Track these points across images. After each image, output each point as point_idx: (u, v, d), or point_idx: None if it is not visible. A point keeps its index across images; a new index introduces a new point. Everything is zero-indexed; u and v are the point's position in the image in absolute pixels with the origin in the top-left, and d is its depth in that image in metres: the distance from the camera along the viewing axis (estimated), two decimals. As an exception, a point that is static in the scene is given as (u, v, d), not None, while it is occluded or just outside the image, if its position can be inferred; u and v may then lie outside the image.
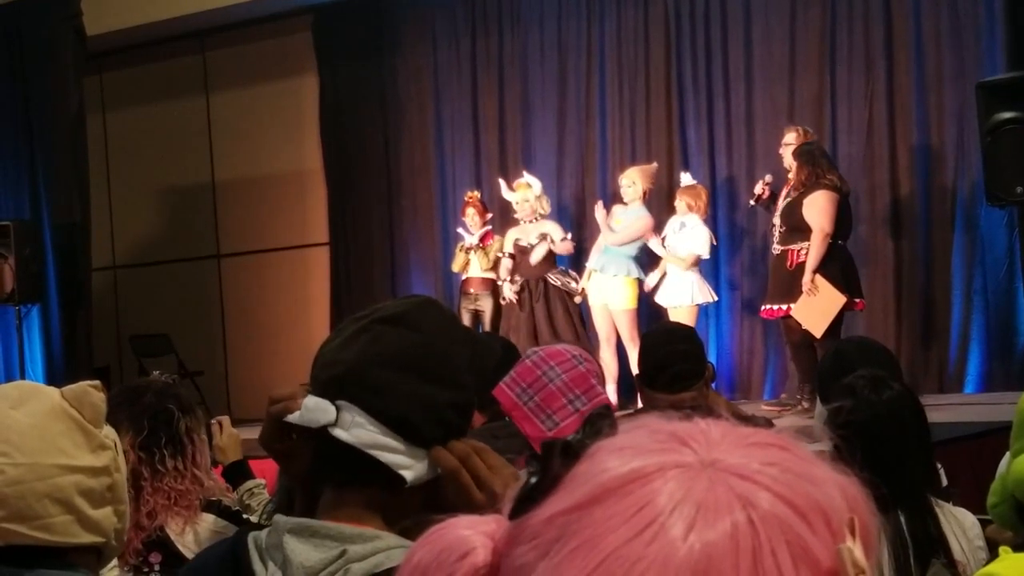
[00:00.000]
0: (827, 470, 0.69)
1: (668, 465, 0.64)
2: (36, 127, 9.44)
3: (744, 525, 0.61)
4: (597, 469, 0.65)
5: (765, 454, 0.66)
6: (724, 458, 0.65)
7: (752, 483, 0.64)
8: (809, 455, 0.69)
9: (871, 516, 0.69)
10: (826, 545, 0.63)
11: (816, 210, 6.76)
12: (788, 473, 0.65)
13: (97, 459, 1.66)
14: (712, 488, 0.63)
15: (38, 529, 1.61)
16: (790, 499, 0.63)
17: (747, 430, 0.69)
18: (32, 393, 1.68)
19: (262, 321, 10.27)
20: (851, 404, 2.65)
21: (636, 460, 0.65)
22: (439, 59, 9.63)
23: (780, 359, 8.19)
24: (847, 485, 0.69)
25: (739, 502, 0.62)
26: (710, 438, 0.67)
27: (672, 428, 0.68)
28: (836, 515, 0.65)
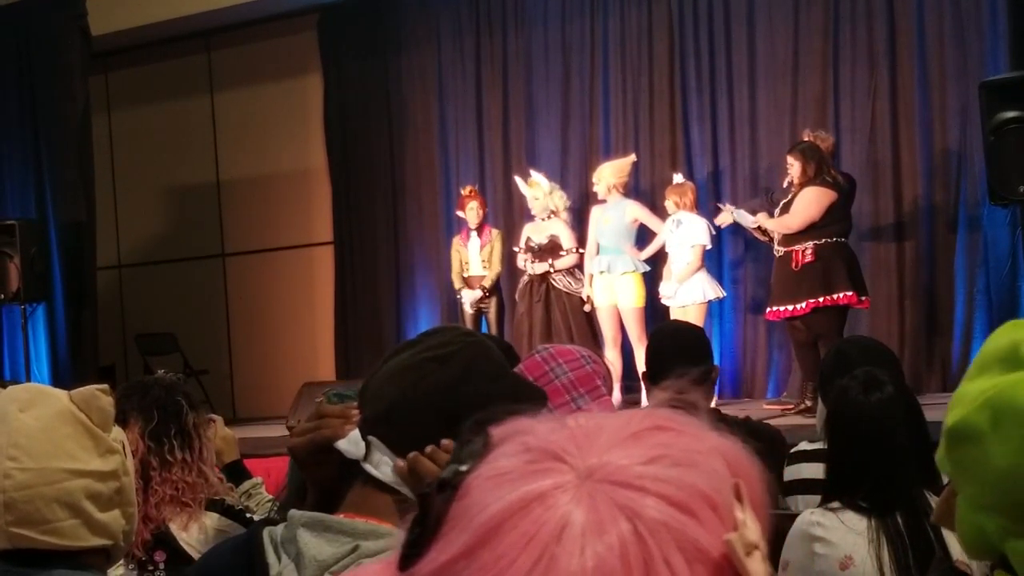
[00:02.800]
0: (707, 440, 0.68)
1: (545, 489, 0.63)
2: (41, 126, 9.46)
3: (631, 538, 0.61)
4: (476, 508, 0.64)
5: (645, 447, 0.65)
6: (602, 464, 0.64)
7: (634, 490, 0.63)
8: (688, 427, 0.68)
9: (756, 472, 0.69)
10: (716, 534, 0.63)
11: (802, 202, 6.77)
12: (669, 466, 0.64)
13: (105, 463, 1.67)
14: (594, 505, 0.62)
15: (46, 533, 1.62)
16: (674, 499, 0.63)
17: (623, 418, 0.68)
18: (41, 396, 1.69)
19: (266, 320, 10.29)
20: (843, 406, 2.66)
21: (513, 491, 0.63)
22: (443, 58, 9.64)
23: (783, 358, 8.20)
24: (728, 449, 0.68)
25: (623, 514, 0.62)
26: (586, 442, 0.66)
27: (545, 441, 0.66)
28: (722, 496, 0.65)
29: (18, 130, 9.58)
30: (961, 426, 1.21)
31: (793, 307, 6.85)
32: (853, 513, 2.58)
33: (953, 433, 1.22)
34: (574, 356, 2.53)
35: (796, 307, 6.83)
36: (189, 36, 10.24)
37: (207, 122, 10.60)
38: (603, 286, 7.75)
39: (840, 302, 6.74)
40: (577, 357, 2.52)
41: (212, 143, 10.60)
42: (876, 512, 2.56)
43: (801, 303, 6.79)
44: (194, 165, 10.61)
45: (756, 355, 8.44)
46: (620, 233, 7.75)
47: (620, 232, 7.75)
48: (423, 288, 9.66)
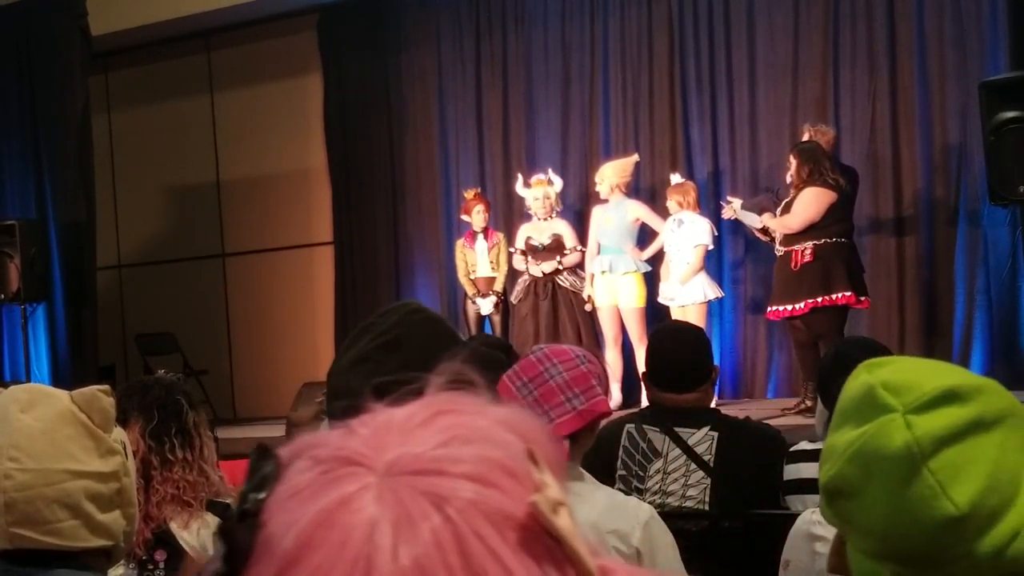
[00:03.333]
0: (491, 414, 0.68)
1: (347, 495, 0.63)
2: (42, 126, 9.46)
3: (440, 523, 0.61)
4: (281, 530, 0.63)
5: (433, 432, 0.66)
6: (397, 459, 0.64)
7: (433, 475, 0.63)
8: (469, 405, 0.69)
9: (544, 434, 0.70)
10: (520, 500, 0.64)
11: (801, 203, 6.78)
12: (461, 445, 0.65)
13: (106, 464, 1.67)
14: (398, 499, 0.62)
15: (47, 534, 1.62)
16: (472, 474, 0.64)
17: (407, 411, 0.68)
18: (42, 396, 1.69)
19: (266, 320, 10.29)
20: None
21: (314, 504, 0.63)
22: (443, 58, 9.64)
23: (783, 358, 8.21)
24: (511, 416, 0.69)
25: (428, 501, 0.62)
26: (376, 442, 0.66)
27: (335, 449, 0.66)
28: (518, 463, 0.66)
29: (18, 130, 9.58)
30: (836, 482, 1.20)
31: (792, 307, 6.85)
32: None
33: (829, 489, 1.22)
34: (569, 356, 2.53)
35: (795, 307, 6.83)
36: (189, 36, 10.25)
37: (207, 122, 10.60)
38: (604, 286, 7.75)
39: (839, 302, 6.74)
40: (572, 357, 2.52)
41: (212, 143, 10.60)
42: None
43: (800, 303, 6.79)
44: (194, 165, 10.61)
45: (756, 355, 8.44)
46: (622, 233, 7.75)
47: (622, 232, 7.76)
48: (423, 288, 9.66)
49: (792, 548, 2.68)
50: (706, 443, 3.33)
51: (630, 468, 3.38)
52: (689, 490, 3.31)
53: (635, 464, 3.37)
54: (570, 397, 2.47)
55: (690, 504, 3.30)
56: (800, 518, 2.70)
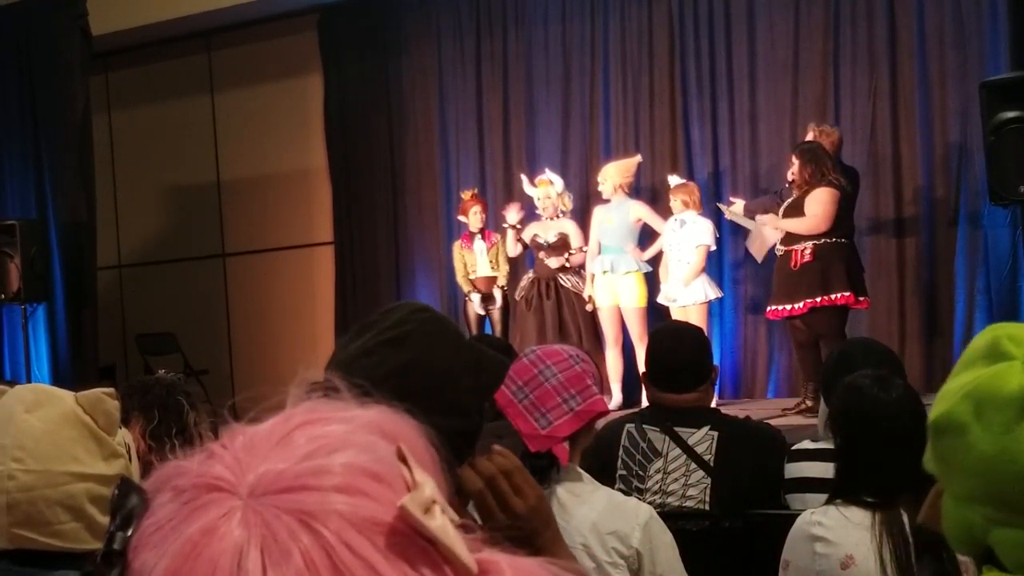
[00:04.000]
0: (356, 419, 0.67)
1: (211, 523, 0.61)
2: (42, 127, 9.46)
3: (309, 541, 0.60)
4: (147, 567, 0.61)
5: (296, 446, 0.64)
6: (259, 479, 0.63)
7: (297, 492, 0.62)
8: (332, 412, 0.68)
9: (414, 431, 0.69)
10: (389, 503, 0.63)
11: (816, 202, 6.78)
12: (324, 456, 0.64)
13: (109, 467, 1.67)
14: (263, 521, 0.61)
15: (48, 535, 1.62)
16: (337, 485, 0.62)
17: (269, 427, 0.67)
18: (47, 397, 1.69)
19: (267, 320, 10.30)
20: (858, 403, 2.67)
21: (178, 537, 0.61)
22: (444, 58, 9.64)
23: (784, 358, 8.21)
24: (377, 418, 0.68)
25: (295, 519, 0.61)
26: (237, 464, 0.64)
27: (196, 476, 0.64)
28: (384, 465, 0.64)
29: (18, 130, 9.58)
30: (944, 419, 1.24)
31: (791, 307, 6.86)
32: (858, 508, 2.59)
33: (937, 427, 1.26)
34: (562, 357, 2.52)
35: (794, 307, 6.84)
36: (189, 36, 10.25)
37: (207, 122, 10.60)
38: (605, 286, 7.75)
39: (837, 303, 6.75)
40: (566, 358, 2.52)
41: (212, 143, 10.61)
42: (881, 507, 2.56)
43: (799, 303, 6.80)
44: (194, 165, 10.61)
45: (756, 355, 8.44)
46: (623, 233, 7.76)
47: (623, 232, 7.76)
48: (423, 288, 9.66)
49: (792, 548, 2.69)
50: (706, 443, 3.33)
51: (630, 468, 3.38)
52: (689, 490, 3.31)
53: (635, 464, 3.37)
54: (567, 398, 2.47)
55: (690, 504, 3.30)
56: (800, 518, 2.71)
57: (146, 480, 0.67)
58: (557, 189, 8.15)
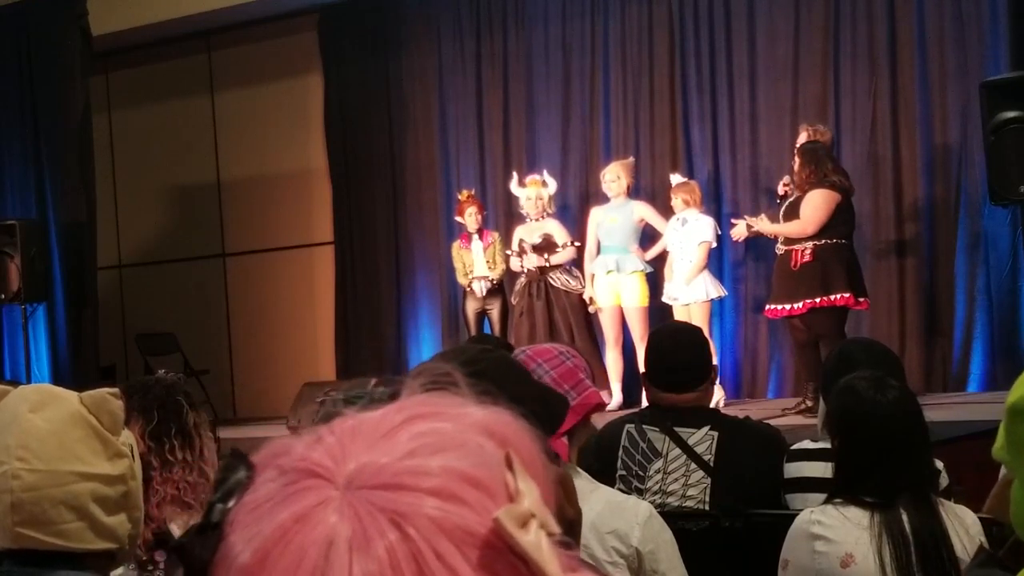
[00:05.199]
0: (468, 417, 0.66)
1: (305, 510, 0.61)
2: (42, 127, 9.46)
3: (398, 542, 0.60)
4: (240, 544, 0.62)
5: (402, 441, 0.64)
6: (359, 471, 0.62)
7: (393, 490, 0.61)
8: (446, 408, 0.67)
9: (526, 436, 0.67)
10: (486, 513, 0.61)
11: (809, 205, 6.78)
12: (428, 455, 0.63)
13: (113, 467, 1.68)
14: (356, 516, 0.60)
15: (52, 535, 1.63)
16: (435, 488, 0.61)
17: (378, 417, 0.66)
18: (52, 398, 1.69)
19: (267, 320, 10.30)
20: (853, 404, 2.67)
21: (273, 519, 0.61)
22: (444, 58, 9.64)
23: (784, 358, 8.20)
24: (491, 419, 0.67)
25: (386, 519, 0.60)
26: (341, 451, 0.64)
27: (298, 459, 0.64)
28: (488, 471, 0.63)
29: (18, 130, 9.59)
30: (1022, 402, 1.22)
31: (791, 306, 6.86)
32: (856, 508, 2.59)
33: (1014, 409, 1.24)
34: (553, 354, 2.53)
35: (793, 307, 6.84)
36: (189, 36, 10.25)
37: (207, 122, 10.60)
38: (606, 286, 7.74)
39: (837, 303, 6.74)
40: (556, 355, 2.53)
41: (212, 143, 10.61)
42: (880, 507, 2.56)
43: (798, 303, 6.80)
44: (195, 165, 10.61)
45: (757, 355, 8.44)
46: (627, 233, 7.76)
47: (627, 232, 7.76)
48: (423, 288, 9.66)
49: (791, 547, 2.69)
50: (706, 443, 3.33)
51: (630, 468, 3.38)
52: (689, 490, 3.31)
53: (635, 464, 3.38)
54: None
55: (690, 504, 3.30)
56: (799, 517, 2.71)
57: (256, 453, 0.67)
58: (550, 191, 8.14)
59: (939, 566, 2.50)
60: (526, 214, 8.11)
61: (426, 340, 9.58)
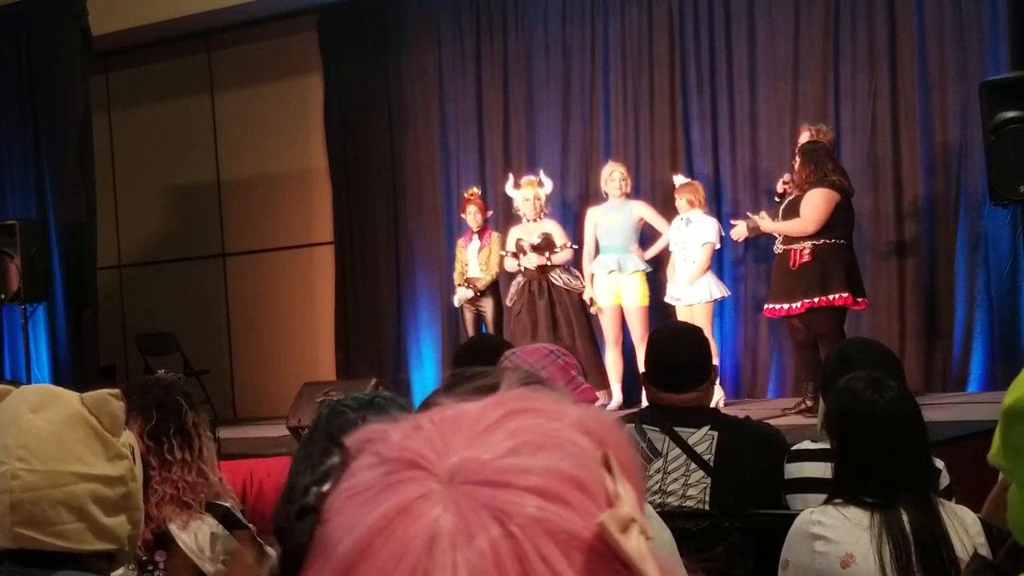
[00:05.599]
0: (567, 416, 0.65)
1: (408, 502, 0.61)
2: (42, 127, 9.46)
3: (502, 540, 0.59)
4: (339, 533, 0.61)
5: (502, 437, 0.63)
6: (461, 465, 0.62)
7: (497, 487, 0.61)
8: (545, 405, 0.66)
9: (623, 437, 0.67)
10: (589, 516, 0.61)
11: (809, 204, 6.78)
12: (530, 453, 0.62)
13: (114, 468, 1.67)
14: (460, 511, 0.60)
15: (51, 535, 1.63)
16: (539, 488, 0.61)
17: (478, 410, 0.65)
18: (52, 398, 1.69)
19: (267, 320, 10.30)
20: (851, 405, 2.67)
21: (374, 509, 0.61)
22: (444, 58, 9.64)
23: (784, 358, 8.20)
24: (588, 418, 0.66)
25: (491, 515, 0.60)
26: (442, 443, 0.63)
27: (399, 449, 0.64)
28: (590, 472, 0.63)
29: (18, 130, 9.59)
30: (1019, 405, 1.24)
31: (789, 306, 6.86)
32: (856, 508, 2.59)
33: (1011, 412, 1.25)
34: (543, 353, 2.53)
35: (792, 306, 6.84)
36: (189, 36, 10.25)
37: (207, 122, 10.60)
38: (606, 286, 7.74)
39: (835, 303, 6.74)
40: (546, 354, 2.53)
41: (212, 143, 10.61)
42: (880, 507, 2.57)
43: (796, 303, 6.80)
44: (194, 165, 10.62)
45: (757, 355, 8.44)
46: (628, 233, 7.76)
47: (628, 232, 7.76)
48: (423, 288, 9.66)
49: (791, 548, 2.69)
50: (706, 443, 3.33)
51: (630, 468, 3.37)
52: (689, 490, 3.31)
53: (635, 464, 3.37)
54: (556, 393, 2.47)
55: (690, 504, 3.30)
56: (799, 518, 2.71)
57: (349, 438, 0.67)
58: (547, 190, 8.14)
59: (939, 566, 2.51)
60: (523, 215, 8.09)
61: (426, 340, 9.59)
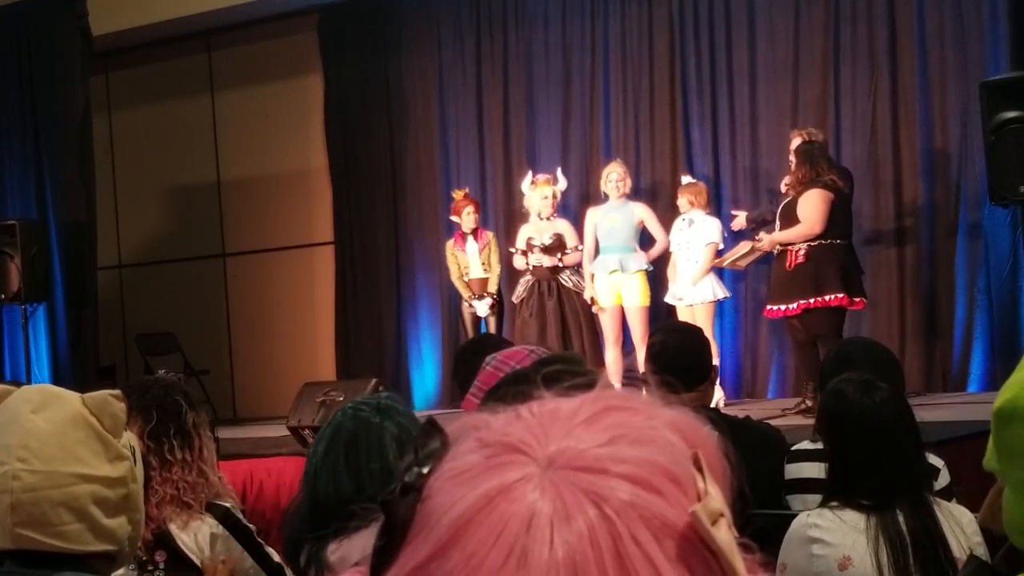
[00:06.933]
0: (660, 415, 0.68)
1: (508, 483, 0.63)
2: (42, 127, 9.46)
3: (598, 522, 0.62)
4: (441, 509, 0.64)
5: (600, 429, 0.66)
6: (560, 452, 0.64)
7: (595, 473, 0.63)
8: (640, 404, 0.69)
9: (712, 440, 0.70)
10: (681, 507, 0.63)
11: (808, 205, 6.78)
12: (627, 445, 0.65)
13: (114, 469, 1.67)
14: (558, 493, 0.62)
15: (51, 536, 1.63)
16: (636, 477, 0.63)
17: (575, 403, 0.68)
18: (53, 398, 1.69)
19: (267, 320, 10.30)
20: (842, 408, 2.67)
21: (476, 488, 0.64)
22: (444, 58, 9.64)
23: (784, 358, 8.20)
24: (680, 419, 0.69)
25: (588, 499, 0.62)
26: (541, 431, 0.66)
27: (501, 434, 0.67)
28: (682, 468, 0.65)
29: (18, 130, 9.59)
30: (1010, 406, 1.24)
31: (786, 307, 6.87)
32: (853, 511, 2.59)
33: (1001, 414, 1.25)
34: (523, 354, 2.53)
35: (788, 307, 6.85)
36: (189, 36, 10.25)
37: (207, 122, 10.60)
38: (607, 286, 7.73)
39: (831, 304, 6.74)
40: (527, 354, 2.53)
41: (213, 143, 10.61)
42: (877, 509, 2.56)
43: (793, 303, 6.81)
44: (195, 165, 10.62)
45: (757, 355, 8.44)
46: (629, 233, 7.75)
47: (629, 232, 7.75)
48: (423, 288, 9.66)
49: (788, 551, 2.68)
50: (706, 443, 3.32)
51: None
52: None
53: (635, 464, 3.37)
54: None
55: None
56: (796, 521, 2.70)
57: (449, 424, 0.69)
58: (561, 187, 8.14)
59: (936, 567, 2.51)
60: (538, 213, 8.06)
61: (426, 340, 9.59)
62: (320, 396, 6.75)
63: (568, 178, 8.73)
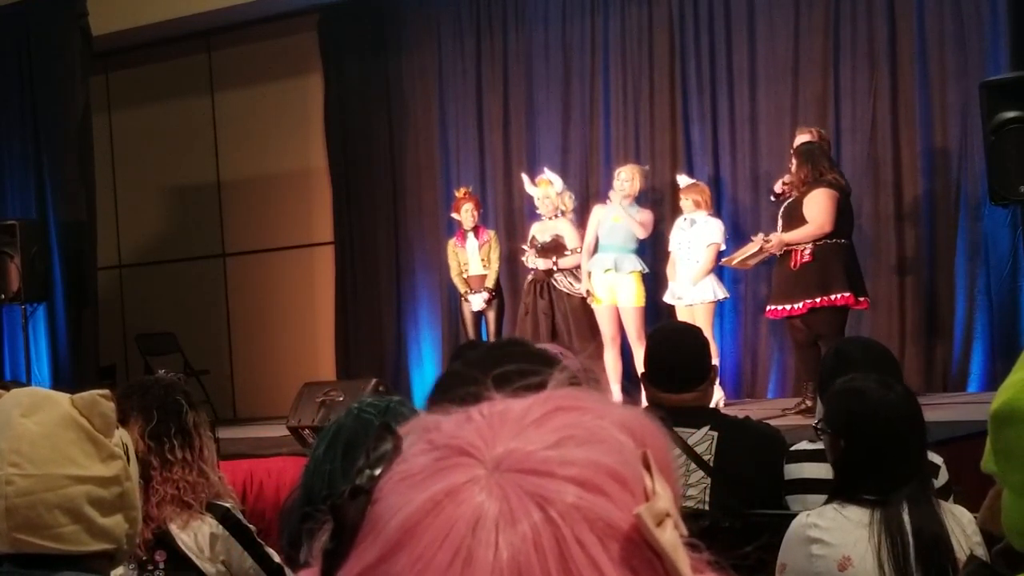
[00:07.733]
0: (610, 414, 0.68)
1: (456, 486, 0.64)
2: (42, 127, 9.47)
3: (543, 524, 0.62)
4: (389, 512, 0.65)
5: (549, 430, 0.66)
6: (508, 454, 0.65)
7: (541, 476, 0.64)
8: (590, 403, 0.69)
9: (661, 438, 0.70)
10: (627, 509, 0.64)
11: (815, 205, 6.78)
12: (574, 447, 0.65)
13: (107, 469, 1.67)
14: (504, 496, 0.63)
15: (48, 539, 1.63)
16: (581, 479, 0.64)
17: (526, 404, 0.68)
18: (43, 401, 1.69)
19: (267, 320, 10.30)
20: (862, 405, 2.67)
21: (424, 491, 0.64)
22: (444, 58, 9.65)
23: (784, 358, 8.20)
24: (630, 418, 0.69)
25: (533, 501, 0.63)
26: (490, 433, 0.66)
27: (450, 437, 0.67)
28: (630, 468, 0.65)
29: (18, 130, 9.59)
30: (1007, 408, 1.25)
31: (791, 307, 6.87)
32: (856, 507, 2.59)
33: (998, 416, 1.25)
34: None
35: (793, 307, 6.84)
36: (189, 36, 10.25)
37: (207, 122, 10.60)
38: (603, 284, 7.74)
39: (837, 303, 6.75)
40: None
41: (212, 143, 10.61)
42: (881, 504, 2.56)
43: (798, 303, 6.80)
44: (195, 165, 10.62)
45: (757, 355, 8.44)
46: (628, 234, 7.76)
47: (629, 233, 7.76)
48: (423, 288, 9.66)
49: (788, 551, 2.68)
50: (706, 443, 3.33)
51: (630, 468, 3.37)
52: (689, 490, 3.31)
53: (635, 464, 3.37)
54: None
55: (690, 504, 3.30)
56: (795, 521, 2.70)
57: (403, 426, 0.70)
58: (556, 189, 8.15)
59: (937, 567, 2.50)
60: (541, 213, 8.11)
61: (426, 340, 9.59)
62: (320, 396, 6.75)
63: (568, 178, 8.73)
